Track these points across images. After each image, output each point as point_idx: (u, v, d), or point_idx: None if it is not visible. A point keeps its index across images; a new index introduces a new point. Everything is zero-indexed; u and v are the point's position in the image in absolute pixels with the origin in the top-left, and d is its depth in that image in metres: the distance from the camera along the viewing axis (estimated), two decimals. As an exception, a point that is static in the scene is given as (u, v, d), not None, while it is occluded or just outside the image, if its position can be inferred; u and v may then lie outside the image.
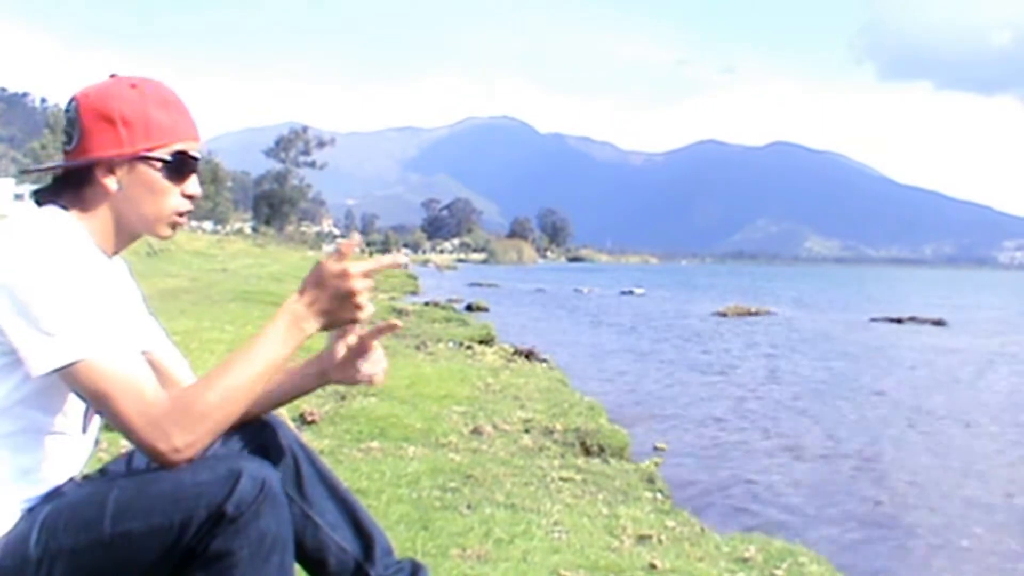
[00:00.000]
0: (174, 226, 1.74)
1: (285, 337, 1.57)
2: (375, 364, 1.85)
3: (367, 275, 1.60)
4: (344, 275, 1.58)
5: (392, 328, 1.80)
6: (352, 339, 1.83)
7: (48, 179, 1.75)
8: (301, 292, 1.59)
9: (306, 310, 1.58)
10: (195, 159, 1.72)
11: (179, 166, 1.69)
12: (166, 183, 1.68)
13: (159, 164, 1.67)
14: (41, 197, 1.68)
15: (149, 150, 1.65)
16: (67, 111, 1.68)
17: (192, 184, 1.73)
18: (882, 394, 11.45)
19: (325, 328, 1.62)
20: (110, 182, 1.65)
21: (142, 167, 1.66)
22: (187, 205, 1.73)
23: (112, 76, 1.70)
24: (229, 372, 1.54)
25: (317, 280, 1.58)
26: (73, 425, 1.66)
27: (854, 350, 17.42)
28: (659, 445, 7.34)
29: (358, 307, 1.60)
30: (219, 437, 1.56)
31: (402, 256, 1.78)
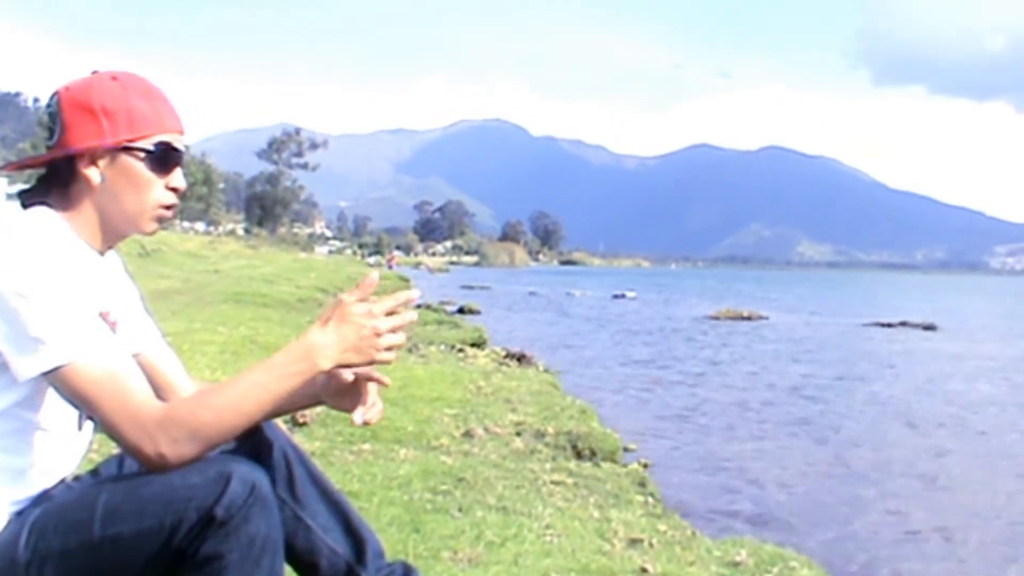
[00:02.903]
0: (159, 220, 1.70)
1: (296, 369, 1.53)
2: (371, 408, 1.80)
3: (390, 313, 1.58)
4: (370, 314, 1.56)
5: (381, 384, 1.79)
6: (348, 375, 1.80)
7: (34, 179, 1.73)
8: (323, 325, 1.55)
9: (327, 345, 1.54)
10: (179, 151, 1.69)
11: (163, 157, 1.66)
12: (149, 175, 1.65)
13: (142, 155, 1.63)
14: (26, 197, 1.65)
15: (132, 141, 1.62)
16: (48, 106, 1.65)
17: (176, 177, 1.69)
18: (873, 399, 11.48)
19: (339, 367, 1.58)
20: (92, 174, 1.62)
21: (125, 158, 1.63)
22: (171, 198, 1.69)
23: (94, 72, 1.68)
24: (230, 394, 1.51)
25: (341, 316, 1.55)
26: (68, 424, 1.65)
27: (846, 354, 17.47)
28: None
29: (377, 348, 1.57)
30: (210, 451, 1.53)
31: (415, 291, 1.73)
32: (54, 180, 1.65)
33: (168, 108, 1.69)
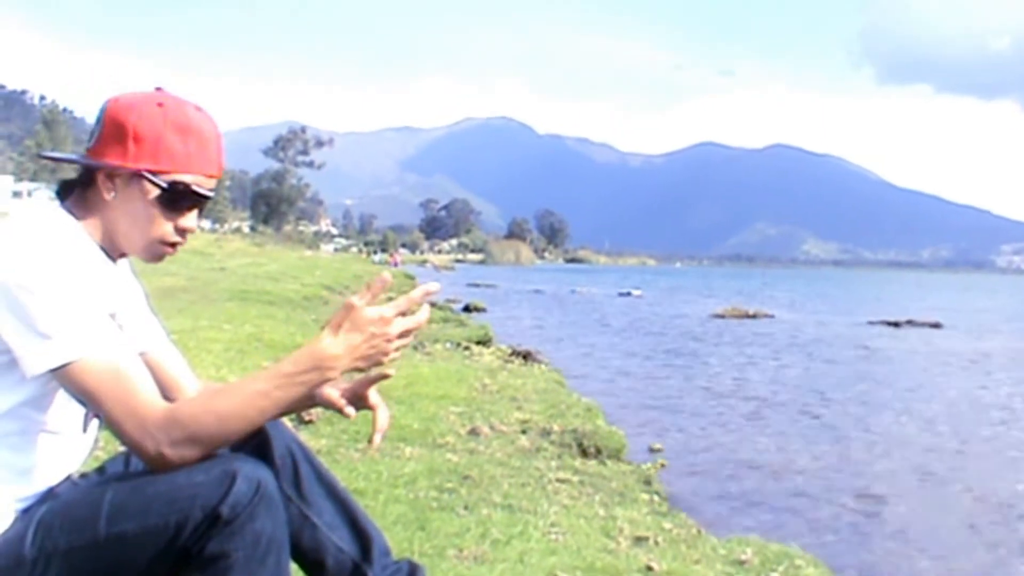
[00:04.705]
0: (158, 256, 1.70)
1: (305, 379, 1.52)
2: (381, 418, 1.81)
3: (402, 315, 1.55)
4: (383, 321, 1.52)
5: (384, 377, 1.76)
6: (340, 401, 1.77)
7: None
8: (334, 333, 1.52)
9: (337, 355, 1.51)
10: (198, 195, 1.66)
11: (174, 197, 1.64)
12: (155, 210, 1.63)
13: (155, 189, 1.62)
14: (61, 192, 1.67)
15: (150, 172, 1.61)
16: (100, 110, 1.66)
17: (189, 219, 1.68)
18: (881, 397, 11.45)
19: (345, 371, 1.56)
20: (107, 190, 1.63)
21: (138, 186, 1.62)
22: (176, 238, 1.68)
23: (158, 89, 1.68)
24: (234, 400, 1.51)
25: (352, 324, 1.51)
26: (73, 424, 1.66)
27: (852, 353, 17.42)
28: (656, 446, 7.33)
29: (386, 353, 1.55)
30: (211, 452, 1.53)
31: (433, 284, 1.69)
32: (78, 182, 1.67)
33: (203, 150, 1.65)
